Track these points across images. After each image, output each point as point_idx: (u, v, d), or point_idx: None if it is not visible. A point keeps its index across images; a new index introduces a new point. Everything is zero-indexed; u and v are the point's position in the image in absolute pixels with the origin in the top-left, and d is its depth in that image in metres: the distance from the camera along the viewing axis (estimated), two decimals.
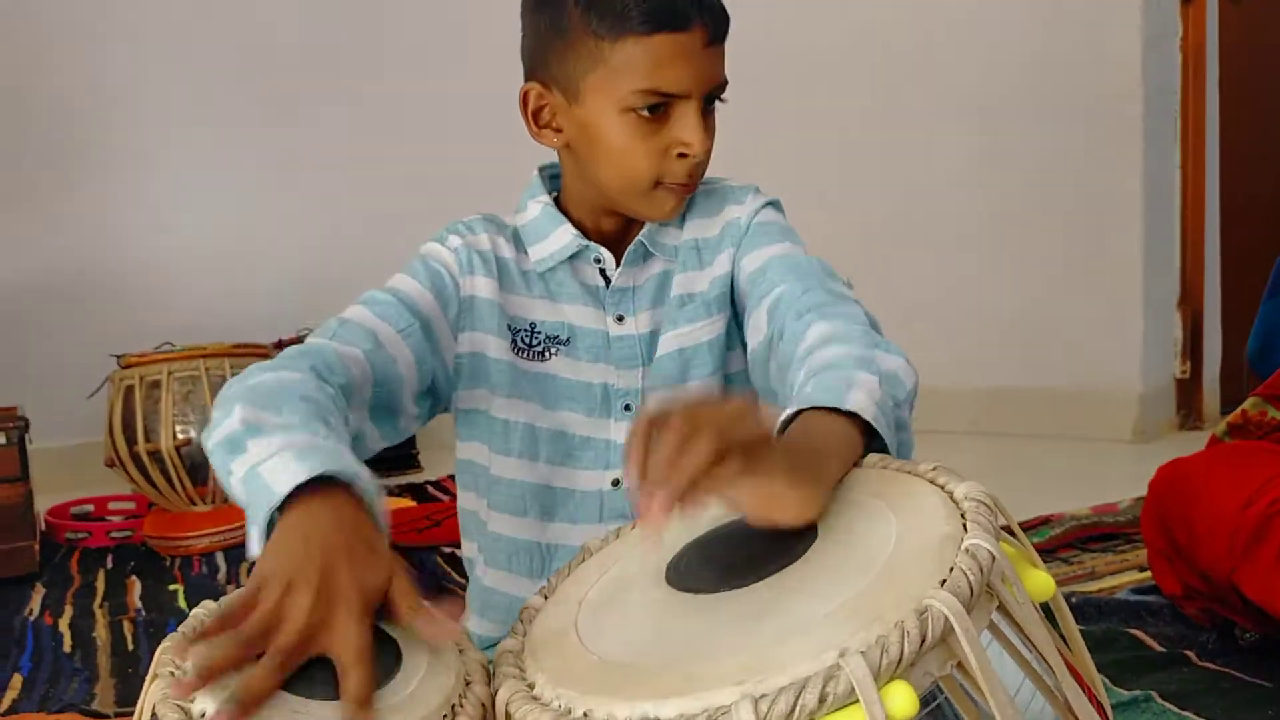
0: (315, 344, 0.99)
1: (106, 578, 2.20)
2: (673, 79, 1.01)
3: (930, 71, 3.12)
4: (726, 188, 1.16)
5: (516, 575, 1.14)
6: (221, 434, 0.85)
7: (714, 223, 1.14)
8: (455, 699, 0.71)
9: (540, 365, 1.11)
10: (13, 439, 2.22)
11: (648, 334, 1.12)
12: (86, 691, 1.59)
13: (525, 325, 1.11)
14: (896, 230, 3.18)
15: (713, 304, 1.12)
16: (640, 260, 1.13)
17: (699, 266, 1.13)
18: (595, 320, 1.12)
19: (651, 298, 1.13)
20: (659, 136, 1.03)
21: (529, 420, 1.11)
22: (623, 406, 1.12)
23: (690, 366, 1.11)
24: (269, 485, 0.77)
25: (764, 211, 1.14)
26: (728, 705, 0.59)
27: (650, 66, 1.00)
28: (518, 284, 1.12)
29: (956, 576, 0.63)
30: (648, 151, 1.03)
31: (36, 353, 3.08)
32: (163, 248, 3.26)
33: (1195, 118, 2.97)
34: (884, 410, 0.82)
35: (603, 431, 1.12)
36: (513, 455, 1.11)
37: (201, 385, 2.38)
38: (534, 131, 1.09)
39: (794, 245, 1.11)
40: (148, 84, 3.24)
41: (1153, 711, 1.27)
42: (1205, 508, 1.40)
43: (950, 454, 0.82)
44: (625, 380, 1.12)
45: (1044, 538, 1.96)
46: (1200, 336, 3.03)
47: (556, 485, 1.12)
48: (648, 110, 1.01)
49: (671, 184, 1.05)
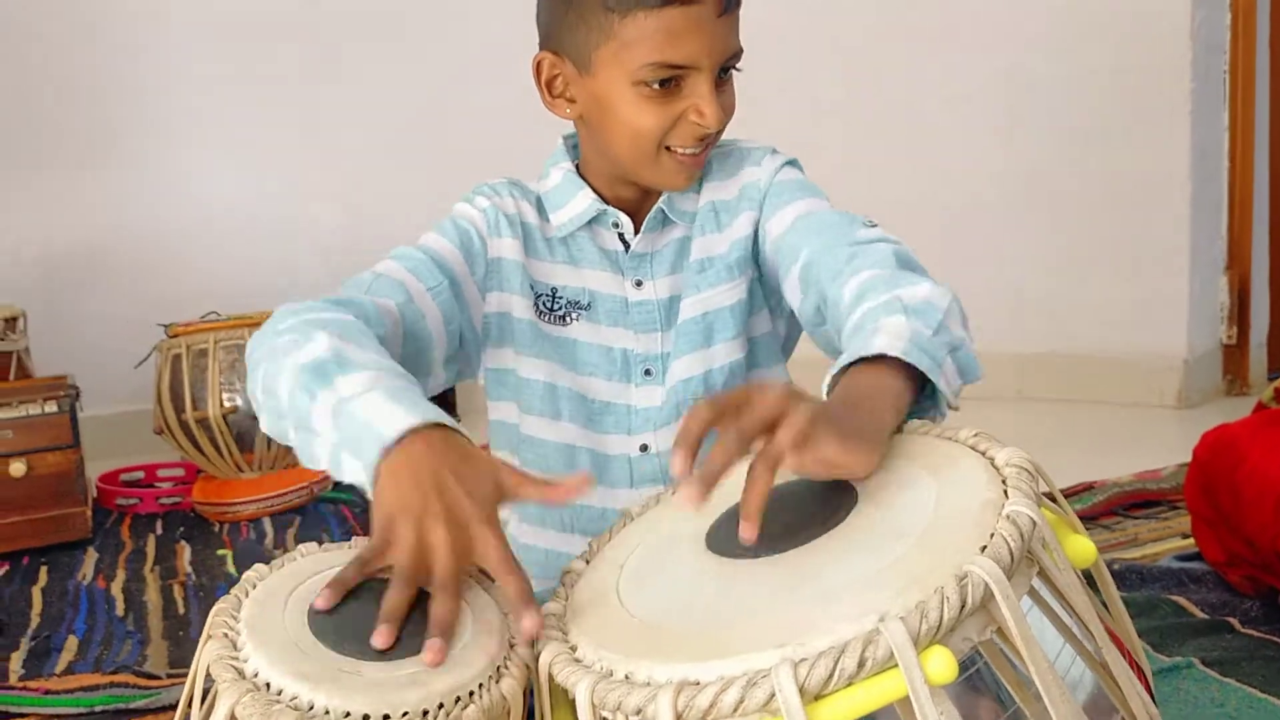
0: (353, 297, 1.00)
1: (156, 543, 2.25)
2: (684, 51, 0.99)
3: (971, 33, 3.08)
4: (743, 149, 1.15)
5: (546, 530, 1.16)
6: (307, 356, 0.87)
7: (731, 185, 1.14)
8: (500, 661, 0.73)
9: (562, 329, 1.12)
10: (64, 407, 2.25)
11: (666, 299, 1.13)
12: (139, 653, 1.63)
13: (547, 290, 1.12)
14: (936, 198, 3.14)
15: (734, 267, 1.12)
16: (659, 226, 1.13)
17: (717, 229, 1.13)
18: (614, 285, 1.13)
19: (670, 263, 1.13)
20: (671, 107, 1.02)
21: (549, 379, 1.12)
22: (643, 371, 1.12)
23: (713, 330, 1.11)
24: (373, 426, 0.80)
25: (783, 171, 1.13)
26: (767, 668, 0.60)
27: (661, 39, 0.99)
28: (541, 249, 1.13)
29: (997, 543, 0.64)
30: (659, 122, 1.02)
31: (85, 323, 3.12)
32: (207, 216, 3.28)
33: (1244, 79, 2.91)
34: (918, 342, 0.83)
35: (624, 396, 1.13)
36: (534, 414, 1.13)
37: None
38: (548, 101, 1.09)
39: (816, 199, 1.11)
40: (188, 51, 3.25)
41: (1194, 678, 1.27)
42: (1251, 474, 1.39)
43: (993, 420, 0.82)
44: (644, 345, 1.12)
45: (1086, 504, 1.95)
46: (1247, 302, 2.98)
47: (581, 445, 1.13)
48: (659, 84, 1.00)
49: (680, 151, 1.04)
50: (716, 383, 1.11)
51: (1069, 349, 3.04)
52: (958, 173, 3.13)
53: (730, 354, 1.11)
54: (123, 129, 3.21)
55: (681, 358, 1.11)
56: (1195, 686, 1.25)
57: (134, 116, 3.22)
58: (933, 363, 0.82)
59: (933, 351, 0.83)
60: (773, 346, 1.17)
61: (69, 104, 3.15)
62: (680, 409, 1.10)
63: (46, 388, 2.27)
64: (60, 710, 1.41)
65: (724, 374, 1.11)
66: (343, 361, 0.86)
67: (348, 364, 0.86)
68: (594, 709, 0.66)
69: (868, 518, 0.71)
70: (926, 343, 0.83)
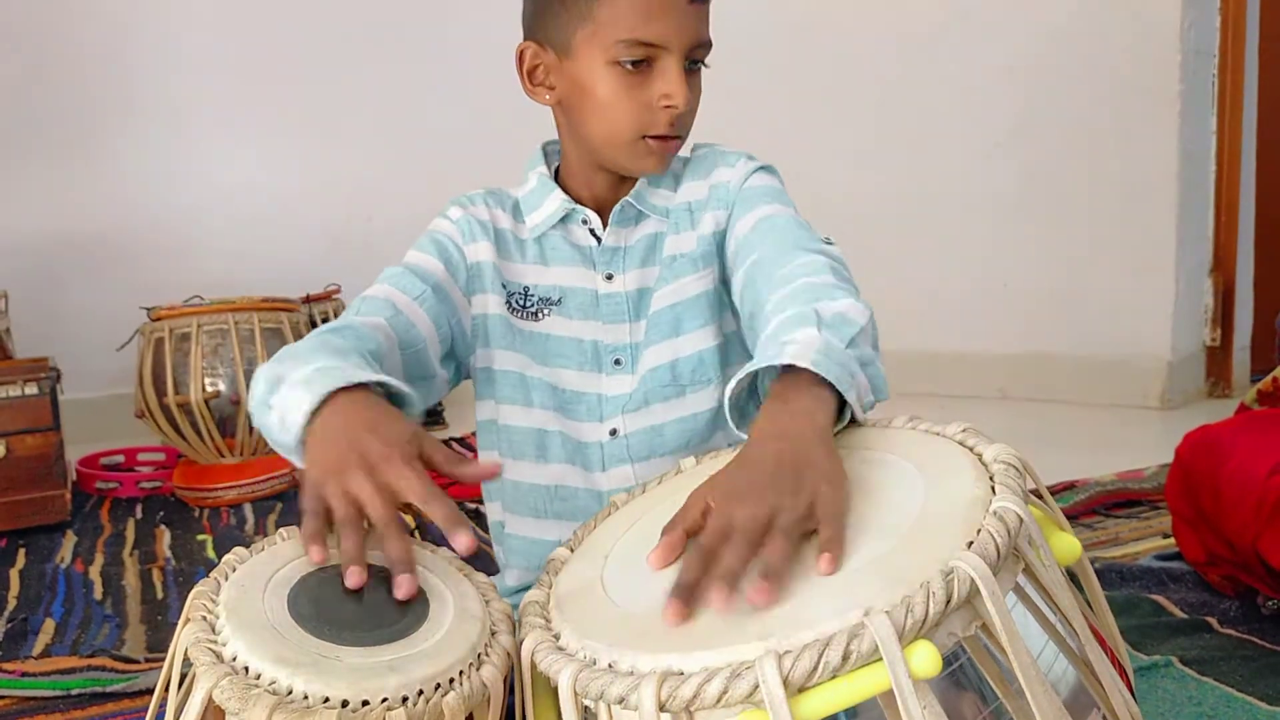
0: (342, 322, 1.06)
1: (136, 527, 2.23)
2: (655, 30, 1.04)
3: (963, 35, 3.08)
4: (719, 152, 1.20)
5: (524, 518, 1.18)
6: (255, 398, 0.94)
7: (704, 184, 1.18)
8: (481, 648, 0.73)
9: (535, 325, 1.16)
10: (44, 389, 2.24)
11: (635, 292, 1.16)
12: (116, 637, 1.62)
13: (519, 289, 1.16)
14: (928, 195, 3.15)
15: (699, 260, 1.15)
16: (631, 221, 1.17)
17: (690, 227, 1.17)
18: (585, 280, 1.16)
19: (641, 257, 1.17)
20: (643, 90, 1.06)
21: (519, 369, 1.16)
22: (613, 361, 1.16)
23: (681, 320, 1.14)
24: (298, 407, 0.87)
25: (755, 176, 1.17)
26: (752, 660, 0.60)
27: (634, 18, 1.04)
28: (513, 251, 1.17)
29: (983, 539, 0.64)
30: (631, 105, 1.07)
31: (68, 305, 3.10)
32: (193, 201, 3.27)
33: (1233, 83, 2.92)
34: (829, 354, 0.83)
35: (594, 385, 1.16)
36: (510, 403, 1.16)
37: (230, 338, 2.39)
38: (528, 89, 1.14)
39: (780, 206, 1.14)
40: (178, 38, 3.23)
41: (1173, 677, 1.27)
42: (1231, 474, 1.40)
43: (978, 419, 0.81)
44: (613, 336, 1.16)
45: (1069, 503, 1.96)
46: (1232, 304, 3.00)
47: (553, 429, 1.16)
48: (631, 64, 1.05)
49: (653, 137, 1.08)
50: (684, 370, 1.14)
51: (1053, 349, 3.05)
52: (945, 174, 3.14)
53: (698, 343, 1.14)
54: (110, 115, 3.19)
55: (651, 347, 1.14)
56: (1173, 685, 1.25)
57: (121, 103, 3.20)
58: (843, 373, 0.82)
59: (845, 364, 0.84)
60: (739, 346, 1.18)
61: (55, 89, 3.13)
62: (649, 396, 1.14)
63: (27, 369, 2.25)
64: (36, 692, 1.40)
65: (691, 362, 1.14)
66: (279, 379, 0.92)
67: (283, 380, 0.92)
68: (576, 698, 0.66)
69: (855, 512, 0.71)
70: (839, 355, 0.84)
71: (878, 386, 0.87)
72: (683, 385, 1.14)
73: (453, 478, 0.87)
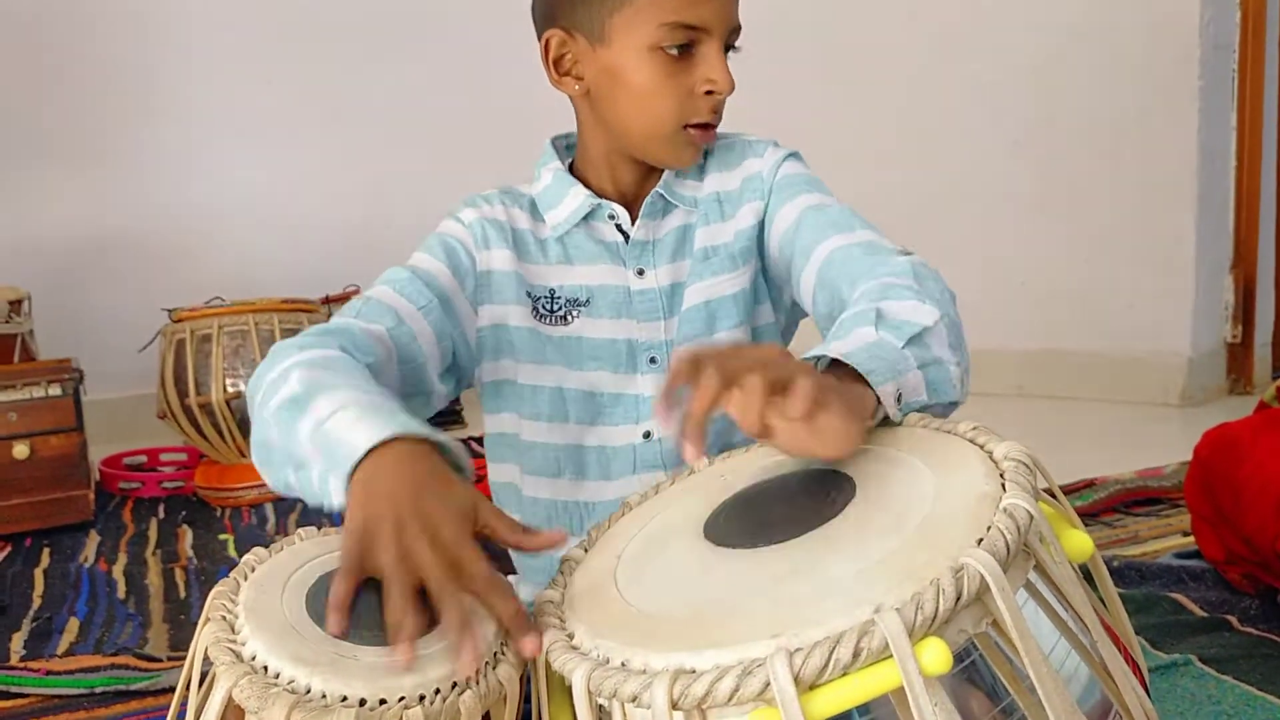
0: (342, 323, 1.01)
1: (159, 527, 2.25)
2: (699, 13, 1.02)
3: (982, 32, 3.07)
4: (744, 141, 1.16)
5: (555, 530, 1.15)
6: (285, 395, 0.87)
7: (734, 175, 1.15)
8: (496, 648, 0.73)
9: (564, 329, 1.12)
10: (68, 390, 2.26)
11: (669, 287, 1.13)
12: (140, 636, 1.63)
13: (545, 292, 1.12)
14: (947, 193, 3.15)
15: (738, 256, 1.12)
16: (660, 214, 1.14)
17: (721, 219, 1.14)
18: (616, 277, 1.13)
19: (672, 251, 1.13)
20: (685, 76, 1.04)
21: (556, 383, 1.12)
22: (648, 360, 1.12)
23: (716, 319, 1.12)
24: (346, 441, 0.79)
25: (786, 164, 1.14)
26: (763, 658, 0.60)
27: (677, 1, 1.01)
28: (534, 253, 1.13)
29: (994, 536, 0.64)
30: (674, 92, 1.04)
31: (90, 307, 3.13)
32: (213, 203, 3.29)
33: (1253, 78, 2.90)
34: (877, 351, 0.81)
35: (630, 386, 1.13)
36: (542, 420, 1.12)
37: (251, 339, 2.41)
38: (554, 79, 1.10)
39: (823, 195, 1.11)
40: (197, 38, 3.26)
41: (1192, 675, 1.27)
42: (1251, 472, 1.39)
43: (996, 416, 0.81)
44: (648, 334, 1.13)
45: (1088, 501, 1.95)
46: (1252, 300, 2.98)
47: (588, 444, 1.13)
48: (676, 49, 1.02)
49: (695, 126, 1.06)
50: None
51: (1072, 346, 3.04)
52: (964, 171, 3.13)
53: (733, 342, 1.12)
54: (131, 118, 3.21)
55: (684, 345, 1.11)
56: (1193, 683, 1.25)
57: (142, 105, 3.22)
58: (887, 369, 0.80)
59: (893, 362, 0.81)
60: (773, 338, 1.17)
61: (77, 92, 3.16)
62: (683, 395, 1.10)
63: (50, 370, 2.27)
64: (61, 691, 1.42)
65: None
66: (317, 388, 0.86)
67: (321, 389, 0.86)
68: (590, 696, 0.66)
69: (865, 509, 0.71)
70: (889, 353, 0.82)
71: (939, 388, 0.84)
72: None
73: (518, 549, 0.81)
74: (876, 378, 0.78)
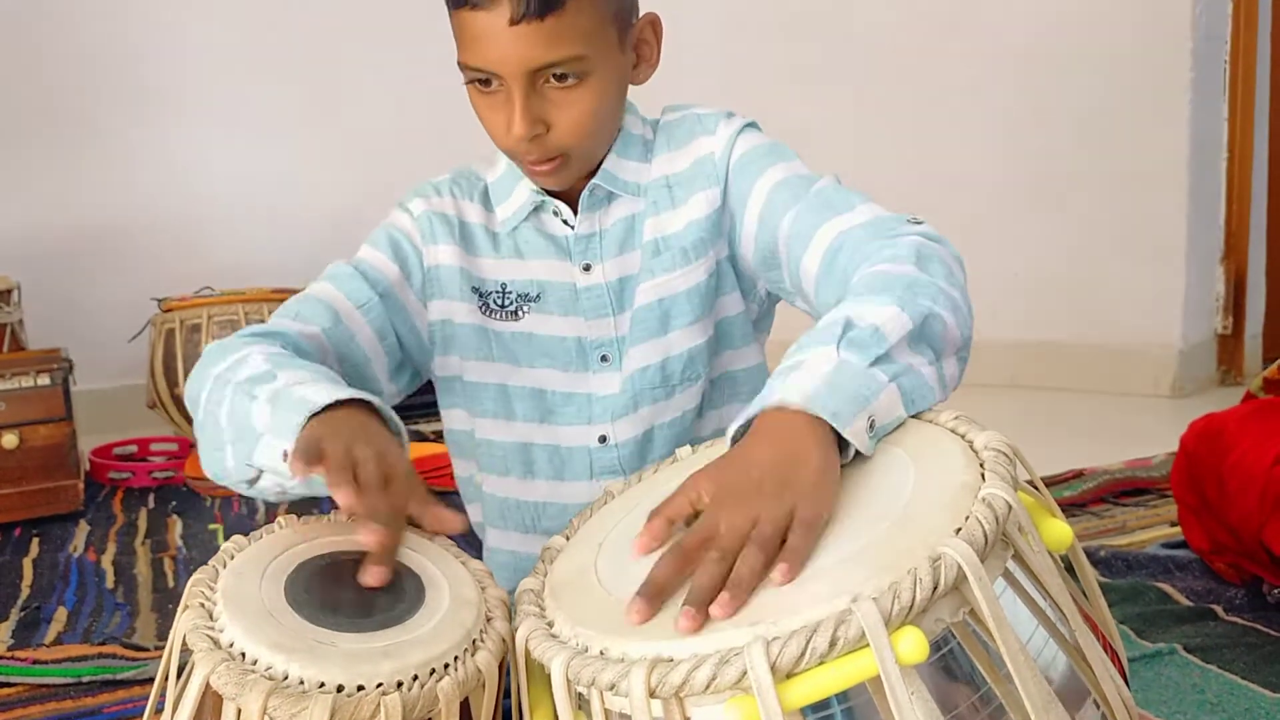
0: (278, 326, 1.00)
1: (148, 516, 2.25)
2: (480, 57, 0.96)
3: (973, 22, 3.07)
4: (694, 116, 1.09)
5: (509, 532, 1.14)
6: (248, 372, 0.90)
7: (683, 155, 1.08)
8: (476, 634, 0.73)
9: (514, 325, 1.09)
10: (57, 380, 2.25)
11: (616, 282, 1.08)
12: (127, 625, 1.63)
13: (496, 287, 1.09)
14: (938, 184, 3.14)
15: (690, 250, 1.06)
16: (603, 204, 1.08)
17: (672, 206, 1.07)
18: (563, 273, 1.08)
19: (620, 243, 1.08)
20: (502, 110, 0.98)
21: (501, 381, 1.09)
22: (599, 358, 1.09)
23: (670, 316, 1.07)
24: (307, 399, 0.84)
25: (741, 139, 1.06)
26: (740, 646, 0.60)
27: (464, 42, 0.97)
28: (484, 247, 1.10)
29: (972, 525, 0.64)
30: (494, 125, 1.00)
31: (80, 297, 3.12)
32: (203, 193, 3.28)
33: (1245, 69, 2.90)
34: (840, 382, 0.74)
35: (582, 385, 1.09)
36: (488, 416, 1.10)
37: (240, 329, 2.40)
38: None
39: (789, 163, 1.04)
40: (186, 29, 3.24)
41: (1176, 664, 1.27)
42: (1236, 463, 1.40)
43: (987, 407, 0.80)
44: (597, 331, 1.08)
45: (1076, 491, 1.96)
46: (1243, 292, 2.99)
47: (538, 442, 1.10)
48: (480, 83, 0.98)
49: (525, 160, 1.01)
50: (674, 370, 1.07)
51: (1063, 337, 3.04)
52: (954, 160, 3.13)
53: (688, 340, 1.07)
54: (120, 107, 3.20)
55: (638, 345, 1.07)
56: (1177, 672, 1.25)
57: (132, 95, 3.21)
58: (852, 402, 0.73)
59: (858, 389, 0.74)
60: (744, 328, 1.12)
61: (65, 81, 3.14)
62: (638, 398, 1.07)
63: (39, 360, 2.27)
64: (48, 680, 1.42)
65: (682, 361, 1.07)
66: (280, 365, 0.90)
67: (285, 366, 0.90)
68: (569, 684, 0.66)
69: (844, 500, 0.71)
70: (853, 379, 0.74)
71: (916, 396, 0.77)
72: (673, 385, 1.07)
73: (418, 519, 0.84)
74: (841, 420, 0.72)
